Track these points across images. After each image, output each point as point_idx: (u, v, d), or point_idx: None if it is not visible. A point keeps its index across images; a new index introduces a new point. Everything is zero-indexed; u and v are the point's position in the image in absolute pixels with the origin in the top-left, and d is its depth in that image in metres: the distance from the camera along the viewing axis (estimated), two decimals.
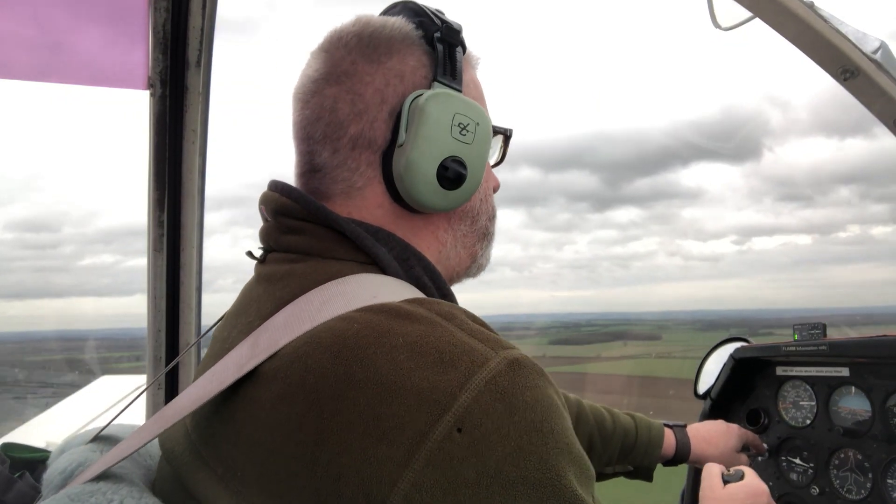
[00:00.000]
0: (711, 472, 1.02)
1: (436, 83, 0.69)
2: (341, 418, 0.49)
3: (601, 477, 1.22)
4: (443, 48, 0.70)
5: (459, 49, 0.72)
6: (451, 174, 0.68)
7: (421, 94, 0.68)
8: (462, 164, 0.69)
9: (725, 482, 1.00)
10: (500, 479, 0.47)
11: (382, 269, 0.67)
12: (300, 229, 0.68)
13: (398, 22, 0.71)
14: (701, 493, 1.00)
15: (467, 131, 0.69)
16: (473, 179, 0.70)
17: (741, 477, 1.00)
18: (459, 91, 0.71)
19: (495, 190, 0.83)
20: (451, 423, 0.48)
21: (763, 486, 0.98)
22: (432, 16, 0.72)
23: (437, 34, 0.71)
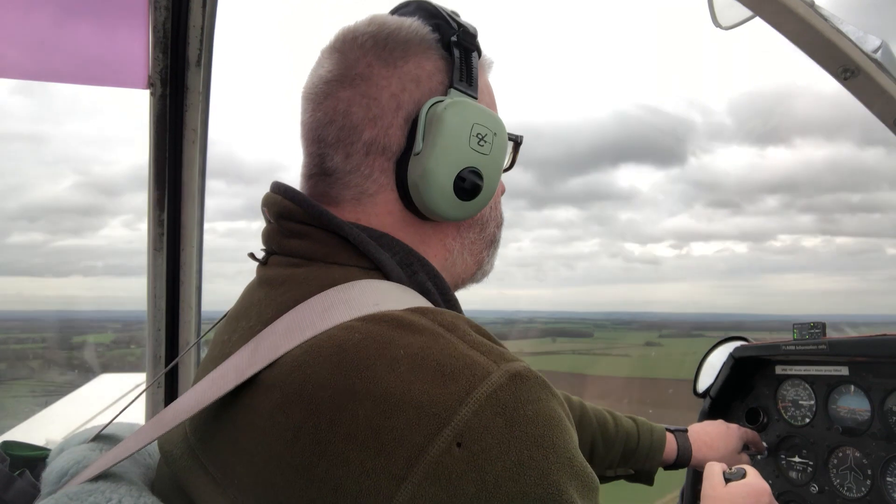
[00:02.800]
0: (713, 471, 1.02)
1: (452, 90, 0.68)
2: (340, 430, 0.49)
3: (602, 480, 1.23)
4: (459, 53, 0.69)
5: (475, 54, 0.71)
6: (468, 185, 0.67)
7: (439, 102, 0.67)
8: (479, 175, 0.68)
9: (727, 480, 0.99)
10: (499, 495, 0.47)
11: (386, 275, 0.66)
12: (303, 233, 0.68)
13: (414, 24, 0.70)
14: (703, 492, 1.00)
15: (485, 142, 0.68)
16: (488, 190, 0.70)
17: (743, 475, 0.99)
18: (475, 98, 0.70)
19: (501, 193, 0.82)
20: (450, 437, 0.47)
21: (765, 485, 0.98)
22: (448, 18, 0.71)
23: (454, 38, 0.69)
